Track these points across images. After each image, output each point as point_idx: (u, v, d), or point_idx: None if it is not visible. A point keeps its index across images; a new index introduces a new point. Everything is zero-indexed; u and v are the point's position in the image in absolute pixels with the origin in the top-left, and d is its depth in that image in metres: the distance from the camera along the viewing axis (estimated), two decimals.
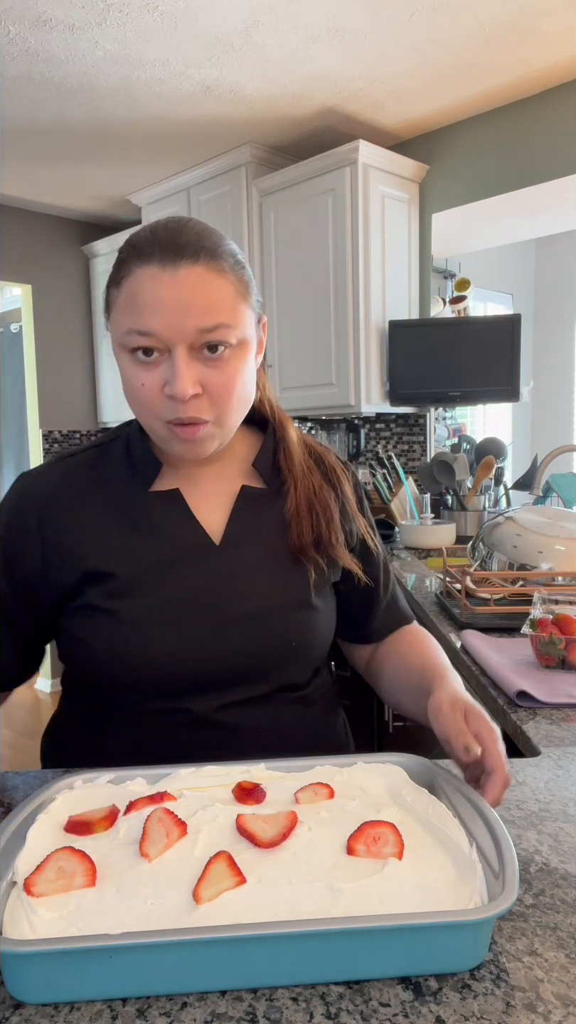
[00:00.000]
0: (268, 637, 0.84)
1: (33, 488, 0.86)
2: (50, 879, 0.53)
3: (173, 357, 0.74)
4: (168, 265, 0.73)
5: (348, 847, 0.57)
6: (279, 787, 0.67)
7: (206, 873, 0.53)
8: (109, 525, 0.83)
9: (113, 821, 0.61)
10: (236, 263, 0.78)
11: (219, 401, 0.78)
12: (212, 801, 0.64)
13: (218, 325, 0.75)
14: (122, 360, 0.78)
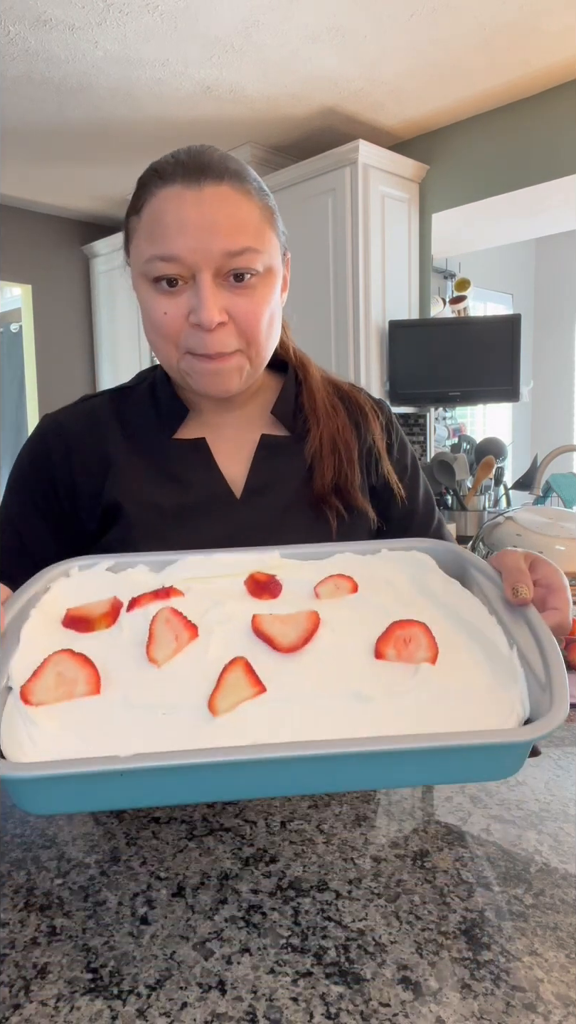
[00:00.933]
0: None
1: (58, 426, 0.83)
2: (49, 686, 0.47)
3: (198, 283, 0.70)
4: (192, 184, 0.69)
5: (376, 650, 0.51)
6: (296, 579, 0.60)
7: (222, 682, 0.47)
8: (132, 468, 0.81)
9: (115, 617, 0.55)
10: (261, 189, 0.74)
11: (247, 330, 0.73)
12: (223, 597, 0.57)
13: (245, 249, 0.70)
14: (143, 292, 0.74)
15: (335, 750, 0.42)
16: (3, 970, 0.52)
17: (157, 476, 0.80)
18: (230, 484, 0.82)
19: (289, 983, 0.50)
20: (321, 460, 0.83)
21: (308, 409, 0.85)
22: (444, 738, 0.43)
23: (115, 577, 0.60)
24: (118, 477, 0.80)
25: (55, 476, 0.82)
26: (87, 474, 0.81)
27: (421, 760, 0.43)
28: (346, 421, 0.86)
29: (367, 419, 0.88)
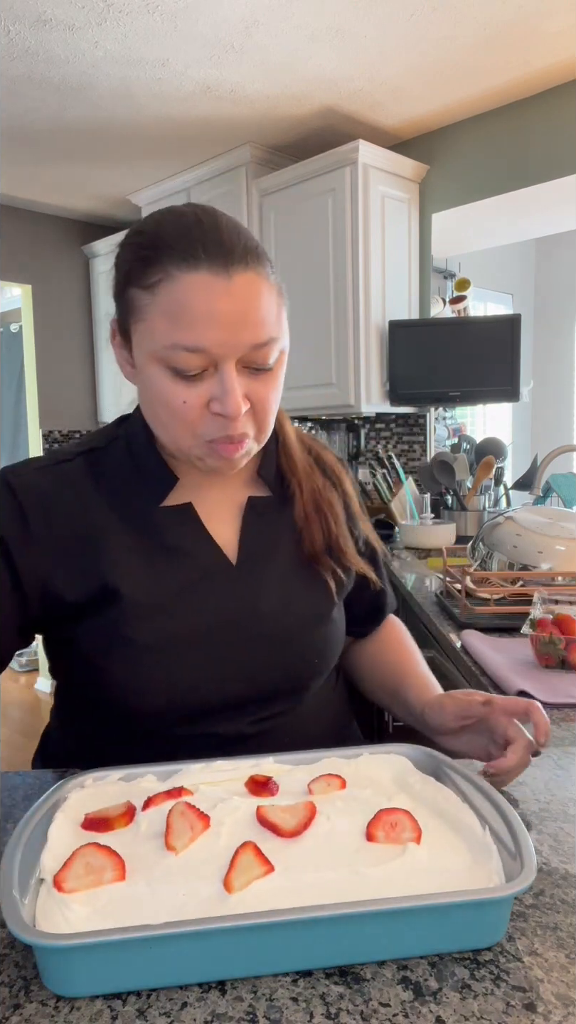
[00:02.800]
0: (292, 657, 0.82)
1: (30, 490, 0.75)
2: (79, 875, 0.53)
3: (222, 373, 0.68)
4: (220, 272, 0.66)
5: (368, 833, 0.59)
6: (290, 779, 0.68)
7: (235, 863, 0.54)
8: (118, 542, 0.76)
9: (132, 817, 0.62)
10: (271, 265, 0.71)
11: (261, 415, 0.73)
12: (228, 794, 0.65)
13: (270, 340, 0.69)
14: (154, 374, 0.69)
15: (356, 910, 0.49)
16: (3, 970, 0.52)
17: (150, 549, 0.76)
18: (224, 551, 0.80)
19: (289, 983, 0.50)
20: (308, 523, 0.83)
21: (288, 470, 0.85)
22: (442, 896, 0.50)
23: (127, 785, 0.67)
24: (106, 555, 0.74)
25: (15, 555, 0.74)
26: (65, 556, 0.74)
27: (418, 919, 0.51)
28: (324, 480, 0.87)
29: (340, 478, 0.91)
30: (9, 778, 0.81)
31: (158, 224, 0.70)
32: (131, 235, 0.72)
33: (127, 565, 0.75)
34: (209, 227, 0.68)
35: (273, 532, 0.83)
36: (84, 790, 0.67)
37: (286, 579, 0.82)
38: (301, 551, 0.83)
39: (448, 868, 0.55)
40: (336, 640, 0.88)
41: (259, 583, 0.80)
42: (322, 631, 0.85)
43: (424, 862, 0.56)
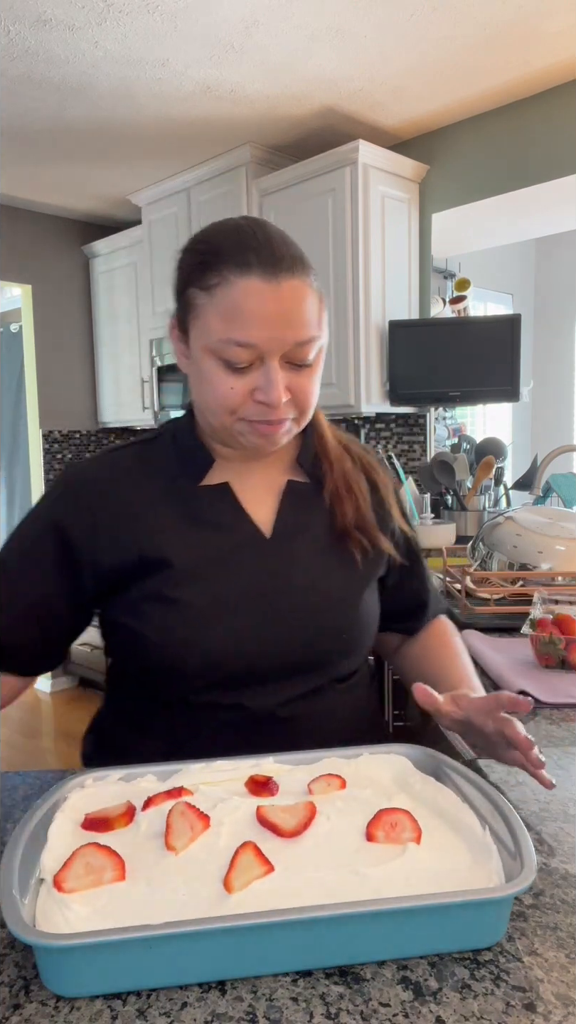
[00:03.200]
0: (321, 630, 0.86)
1: (85, 475, 0.87)
2: (79, 875, 0.53)
3: (267, 366, 0.77)
4: (270, 278, 0.75)
5: (368, 833, 0.59)
6: (290, 779, 0.68)
7: (235, 863, 0.54)
8: (162, 516, 0.85)
9: (132, 817, 0.62)
10: (313, 270, 0.80)
11: (301, 403, 0.81)
12: (229, 794, 0.65)
13: (311, 338, 0.78)
14: (208, 365, 0.79)
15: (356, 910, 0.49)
16: (3, 970, 0.52)
17: (189, 522, 0.85)
18: (258, 525, 0.87)
19: (289, 983, 0.50)
20: (340, 500, 0.90)
21: (321, 453, 0.92)
22: (442, 896, 0.50)
23: (127, 785, 0.68)
24: (156, 530, 0.84)
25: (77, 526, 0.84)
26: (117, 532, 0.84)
27: (418, 919, 0.51)
28: (352, 465, 0.93)
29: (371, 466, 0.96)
30: (9, 778, 0.81)
31: (217, 234, 0.81)
32: (193, 242, 0.83)
33: (169, 536, 0.84)
34: (262, 238, 0.77)
35: (308, 513, 0.89)
36: (84, 790, 0.67)
37: (318, 555, 0.88)
38: (333, 532, 0.89)
39: (448, 868, 0.55)
40: (365, 621, 0.90)
41: (290, 557, 0.86)
42: (350, 607, 0.88)
43: (424, 862, 0.56)
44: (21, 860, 0.54)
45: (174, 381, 3.54)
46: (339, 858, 0.56)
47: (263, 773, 0.69)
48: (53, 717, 3.70)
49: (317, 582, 0.87)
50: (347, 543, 0.89)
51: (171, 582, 0.82)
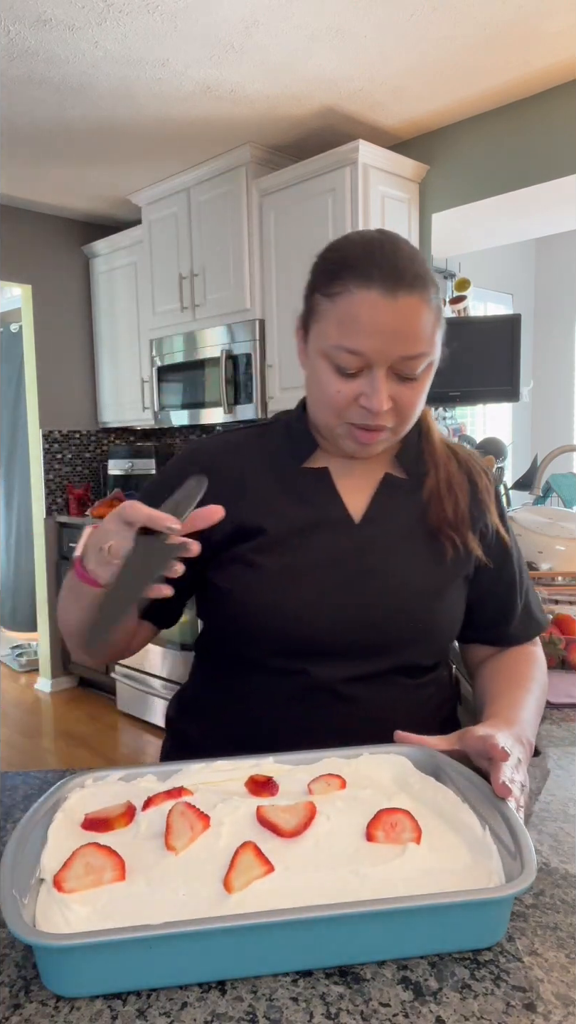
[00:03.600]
0: (394, 614, 0.88)
1: (201, 451, 0.95)
2: (79, 875, 0.54)
3: (373, 375, 0.81)
4: (388, 293, 0.78)
5: (368, 834, 0.59)
6: (290, 779, 0.68)
7: (235, 863, 0.54)
8: (263, 489, 0.91)
9: (132, 817, 0.62)
10: (436, 290, 0.83)
11: (403, 415, 0.85)
12: (228, 794, 0.65)
13: (420, 354, 0.81)
14: (320, 367, 0.84)
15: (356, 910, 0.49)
16: (3, 970, 0.52)
17: (290, 499, 0.91)
18: (350, 511, 0.91)
19: (289, 983, 0.50)
20: (439, 498, 0.92)
21: (427, 453, 0.95)
22: (442, 896, 0.50)
23: (127, 785, 0.68)
24: (254, 500, 0.90)
25: None
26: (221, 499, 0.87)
27: (418, 919, 0.51)
28: (458, 468, 0.96)
29: (476, 470, 0.97)
30: (9, 778, 0.81)
31: (349, 244, 0.83)
32: (327, 249, 0.86)
33: (266, 508, 0.90)
34: (389, 253, 0.80)
35: (400, 506, 0.93)
36: (84, 790, 0.67)
37: (403, 543, 0.91)
38: (424, 526, 0.92)
39: (448, 868, 0.55)
40: (444, 617, 0.91)
41: (374, 540, 0.90)
42: (428, 598, 0.89)
43: (424, 862, 0.56)
44: (21, 860, 0.54)
45: (174, 381, 3.54)
46: (339, 858, 0.56)
47: (263, 773, 0.69)
48: (53, 717, 3.70)
49: (397, 567, 0.89)
50: (438, 538, 0.91)
51: (260, 548, 0.88)
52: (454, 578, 0.92)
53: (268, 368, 3.11)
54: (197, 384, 3.41)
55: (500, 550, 0.96)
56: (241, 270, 3.11)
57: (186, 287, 3.36)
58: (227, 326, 3.22)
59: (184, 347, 3.44)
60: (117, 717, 3.62)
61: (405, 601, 0.88)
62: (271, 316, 3.08)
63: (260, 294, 3.11)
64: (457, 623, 0.94)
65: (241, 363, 3.17)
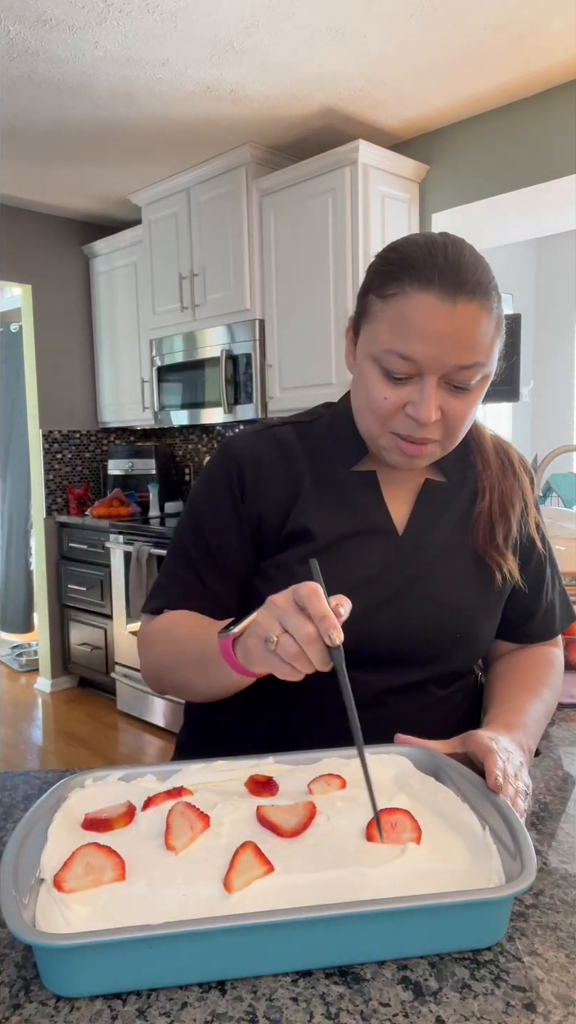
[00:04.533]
0: (434, 628, 0.87)
1: (253, 449, 0.90)
2: (79, 875, 0.53)
3: (424, 383, 0.77)
4: (447, 298, 0.74)
5: (368, 834, 0.59)
6: (290, 779, 0.68)
7: (235, 863, 0.54)
8: (314, 493, 0.88)
9: (132, 817, 0.62)
10: (499, 300, 0.79)
11: (452, 428, 0.81)
12: (228, 794, 0.65)
13: (475, 364, 0.77)
14: (368, 370, 0.80)
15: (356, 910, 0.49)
16: (3, 970, 0.52)
17: (336, 504, 0.89)
18: (394, 520, 0.89)
19: (289, 983, 0.50)
20: (491, 521, 0.90)
21: (482, 469, 0.93)
22: (442, 896, 0.50)
23: (127, 785, 0.68)
24: (305, 505, 0.87)
25: (245, 496, 0.88)
26: (275, 500, 0.88)
27: (418, 919, 0.51)
28: (512, 480, 0.93)
29: (520, 477, 0.95)
30: (9, 778, 0.81)
31: (410, 245, 0.79)
32: (386, 249, 0.81)
33: (314, 512, 0.87)
34: (452, 257, 0.76)
35: (442, 515, 0.91)
36: (84, 790, 0.67)
37: (444, 557, 0.89)
38: (465, 539, 0.90)
39: (448, 868, 0.55)
40: (481, 630, 0.90)
41: (417, 555, 0.88)
42: (469, 611, 0.88)
43: (424, 862, 0.56)
44: (21, 860, 0.54)
45: (174, 381, 3.54)
46: (338, 858, 0.56)
47: (263, 773, 0.69)
48: (53, 717, 3.70)
49: (438, 582, 0.87)
50: (483, 559, 0.89)
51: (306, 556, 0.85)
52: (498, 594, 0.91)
53: (268, 368, 3.11)
54: (197, 384, 3.41)
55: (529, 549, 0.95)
56: (241, 270, 3.11)
57: (186, 287, 3.37)
58: (227, 326, 3.22)
59: (184, 347, 3.44)
60: (117, 717, 3.62)
61: (445, 615, 0.87)
62: (271, 316, 3.08)
63: (260, 294, 3.11)
64: (491, 634, 0.93)
65: (241, 363, 3.17)
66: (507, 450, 0.96)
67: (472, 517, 0.91)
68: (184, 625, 0.87)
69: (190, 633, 0.84)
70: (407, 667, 0.87)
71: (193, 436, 4.08)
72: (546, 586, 0.97)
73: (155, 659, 0.89)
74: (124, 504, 3.83)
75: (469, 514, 0.91)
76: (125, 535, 3.48)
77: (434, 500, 0.91)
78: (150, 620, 0.92)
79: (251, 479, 0.88)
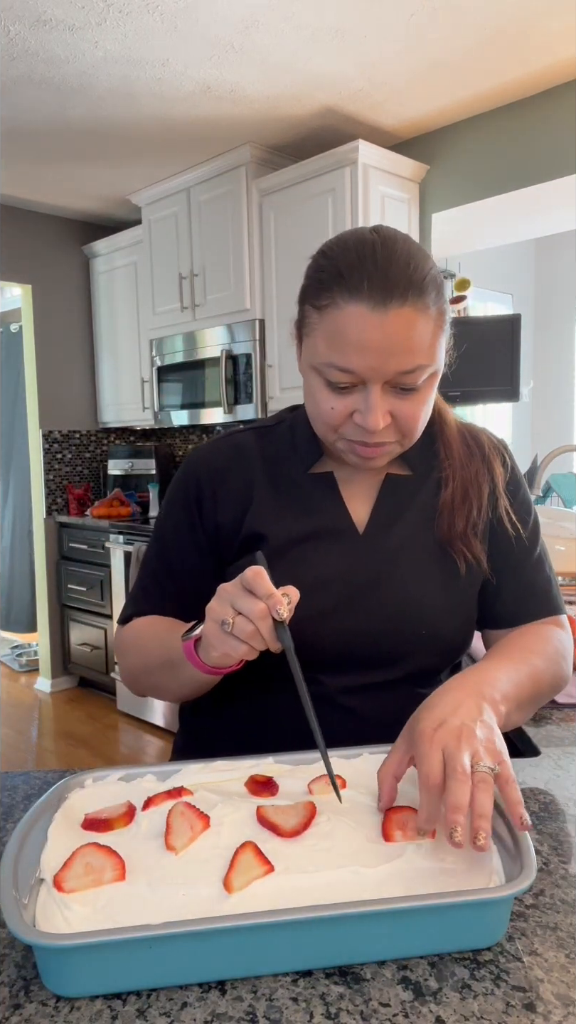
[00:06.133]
0: (400, 625, 0.86)
1: (204, 463, 0.92)
2: (79, 875, 0.53)
3: (368, 392, 0.76)
4: (378, 306, 0.72)
5: (385, 834, 0.59)
6: (290, 779, 0.68)
7: (235, 863, 0.54)
8: (268, 497, 0.89)
9: (132, 817, 0.62)
10: (437, 292, 0.77)
11: (406, 429, 0.80)
12: (228, 794, 0.65)
13: (417, 367, 0.76)
14: (312, 381, 0.80)
15: (356, 910, 0.49)
16: (3, 970, 0.52)
17: (292, 507, 0.88)
18: (354, 519, 0.89)
19: (289, 983, 0.50)
20: (452, 509, 0.88)
21: (444, 457, 0.91)
22: (442, 897, 0.50)
23: (127, 785, 0.68)
24: (259, 509, 0.88)
25: (203, 510, 0.90)
26: (231, 507, 0.89)
27: (418, 919, 0.51)
28: (480, 465, 0.92)
29: (490, 460, 0.93)
30: (9, 778, 0.81)
31: (341, 248, 0.77)
32: (319, 255, 0.80)
33: (269, 516, 0.88)
34: (382, 261, 0.73)
35: (405, 509, 0.89)
36: (84, 790, 0.67)
37: (408, 553, 0.88)
38: (429, 533, 0.88)
39: (448, 868, 0.55)
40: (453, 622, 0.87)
41: (379, 553, 0.87)
42: (434, 606, 0.87)
43: (424, 862, 0.56)
44: (21, 860, 0.54)
45: (174, 381, 3.54)
46: (338, 858, 0.56)
47: (263, 773, 0.69)
48: (53, 717, 3.70)
49: (402, 579, 0.86)
50: (447, 551, 0.88)
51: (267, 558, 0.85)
52: (464, 586, 0.89)
53: (268, 368, 3.11)
54: (197, 384, 3.41)
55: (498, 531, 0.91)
56: (241, 270, 3.11)
57: (186, 287, 3.37)
58: (227, 326, 3.22)
59: (184, 347, 3.45)
60: (117, 717, 3.62)
61: (408, 613, 0.86)
62: (271, 316, 3.08)
63: (260, 294, 3.11)
64: (470, 624, 0.91)
65: (241, 363, 3.17)
66: (476, 435, 0.94)
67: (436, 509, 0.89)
68: (149, 632, 0.90)
69: (154, 639, 0.87)
70: (375, 667, 0.86)
71: (193, 436, 4.08)
72: (531, 565, 0.93)
73: (130, 665, 0.92)
74: (124, 504, 3.83)
75: (434, 506, 0.89)
76: (125, 535, 3.48)
77: (396, 495, 0.89)
78: (121, 629, 0.96)
79: (208, 490, 0.90)
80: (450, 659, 0.92)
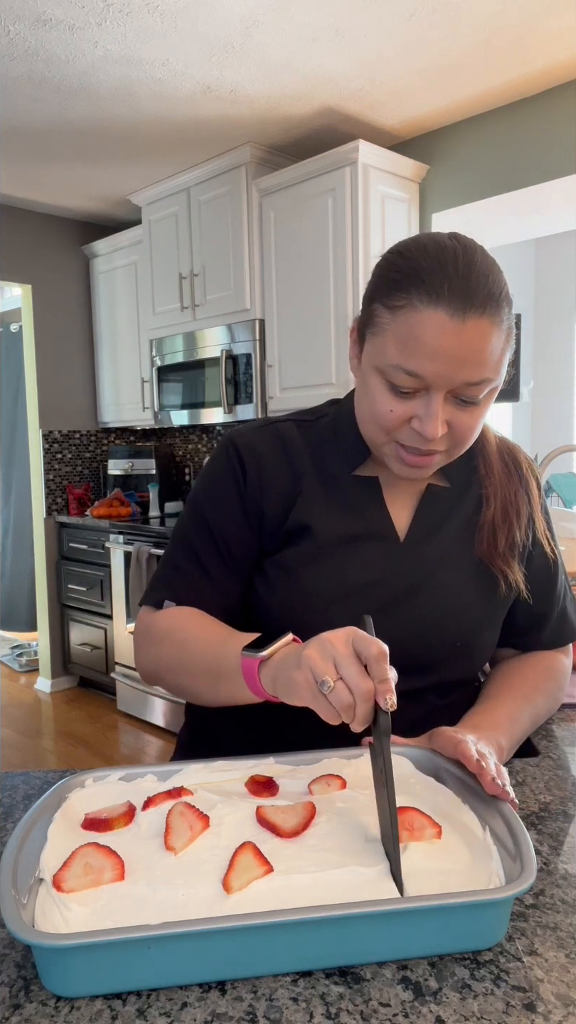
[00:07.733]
0: (435, 636, 0.86)
1: (254, 445, 0.89)
2: (78, 875, 0.53)
3: (430, 398, 0.75)
4: (457, 314, 0.71)
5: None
6: (290, 780, 0.68)
7: (234, 863, 0.54)
8: (317, 491, 0.87)
9: (132, 817, 0.62)
10: (510, 308, 0.77)
11: (459, 440, 0.80)
12: (228, 794, 0.65)
13: (483, 380, 0.75)
14: (374, 383, 0.78)
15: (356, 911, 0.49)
16: (3, 970, 0.52)
17: (337, 506, 0.88)
18: (396, 526, 0.88)
19: (289, 983, 0.50)
20: (494, 528, 0.89)
21: (485, 475, 0.91)
22: (442, 897, 0.50)
23: (127, 785, 0.68)
24: (307, 501, 0.87)
25: (247, 491, 0.88)
26: (277, 496, 0.87)
27: (418, 919, 0.51)
28: (518, 485, 0.91)
29: (527, 481, 0.93)
30: (9, 778, 0.81)
31: (419, 250, 0.75)
32: (392, 253, 0.78)
33: (319, 511, 0.87)
34: (462, 268, 0.73)
35: (444, 521, 0.90)
36: (84, 790, 0.67)
37: (446, 565, 0.88)
38: (467, 547, 0.89)
39: (448, 869, 0.55)
40: (483, 638, 0.89)
41: (419, 561, 0.87)
42: (469, 619, 0.87)
43: (424, 863, 0.56)
44: (21, 860, 0.54)
45: (174, 381, 3.54)
46: (338, 859, 0.56)
47: (263, 773, 0.69)
48: (53, 717, 3.70)
49: (439, 589, 0.86)
50: (485, 567, 0.88)
51: (305, 558, 0.85)
52: (500, 603, 0.90)
53: (268, 368, 3.11)
54: (197, 384, 3.41)
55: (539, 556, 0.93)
56: (241, 270, 3.11)
57: (186, 287, 3.37)
58: (227, 326, 3.22)
59: (184, 347, 3.45)
60: (117, 717, 3.62)
61: (444, 624, 0.86)
62: (271, 316, 3.08)
63: (260, 294, 3.11)
64: (494, 641, 0.92)
65: (241, 363, 3.17)
66: (514, 453, 0.95)
67: (475, 524, 0.89)
68: (194, 629, 0.84)
69: (200, 639, 0.82)
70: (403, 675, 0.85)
71: (193, 436, 4.08)
72: (558, 591, 0.95)
73: (156, 658, 0.86)
74: (124, 504, 3.83)
75: (472, 521, 0.90)
76: (125, 535, 3.48)
77: (436, 506, 0.89)
78: (151, 613, 0.89)
79: (253, 472, 0.87)
80: (473, 672, 0.92)
